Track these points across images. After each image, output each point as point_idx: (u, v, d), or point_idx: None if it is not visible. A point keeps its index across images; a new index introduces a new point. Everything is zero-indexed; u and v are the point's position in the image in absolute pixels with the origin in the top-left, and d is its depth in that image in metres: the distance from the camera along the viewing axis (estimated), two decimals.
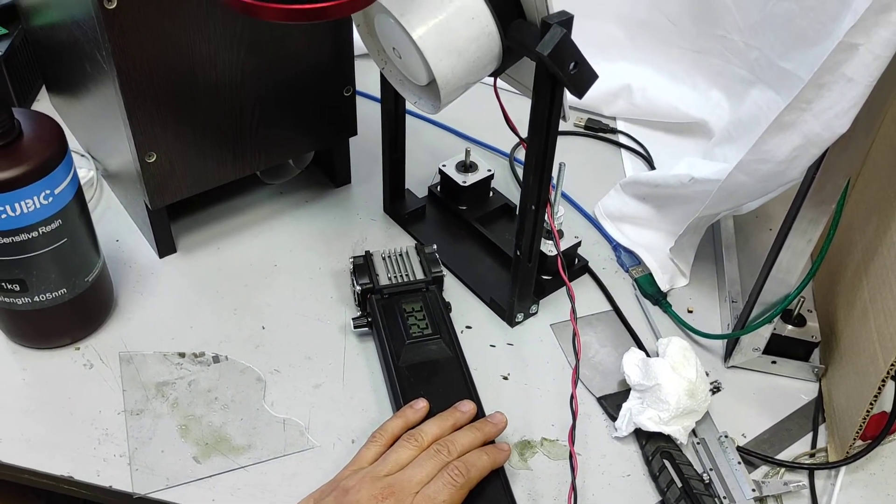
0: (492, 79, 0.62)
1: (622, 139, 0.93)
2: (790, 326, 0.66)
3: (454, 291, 0.74)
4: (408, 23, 0.54)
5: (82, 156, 0.84)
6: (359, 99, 0.77)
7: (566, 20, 0.52)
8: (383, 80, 0.70)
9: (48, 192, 0.57)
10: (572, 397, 0.59)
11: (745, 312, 0.65)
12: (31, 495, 0.76)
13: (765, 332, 0.64)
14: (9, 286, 0.61)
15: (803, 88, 0.51)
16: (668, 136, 0.92)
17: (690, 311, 0.73)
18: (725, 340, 0.68)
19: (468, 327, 0.71)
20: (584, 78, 0.54)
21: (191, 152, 0.69)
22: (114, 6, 0.57)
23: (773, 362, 0.67)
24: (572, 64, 0.53)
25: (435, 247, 0.72)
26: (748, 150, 0.57)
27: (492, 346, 0.70)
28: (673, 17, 0.88)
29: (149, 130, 0.65)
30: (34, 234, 0.58)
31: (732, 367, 0.68)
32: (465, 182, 0.79)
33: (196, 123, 0.67)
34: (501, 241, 0.77)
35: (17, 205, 0.56)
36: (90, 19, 0.60)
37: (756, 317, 0.63)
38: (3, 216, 0.56)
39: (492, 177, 0.80)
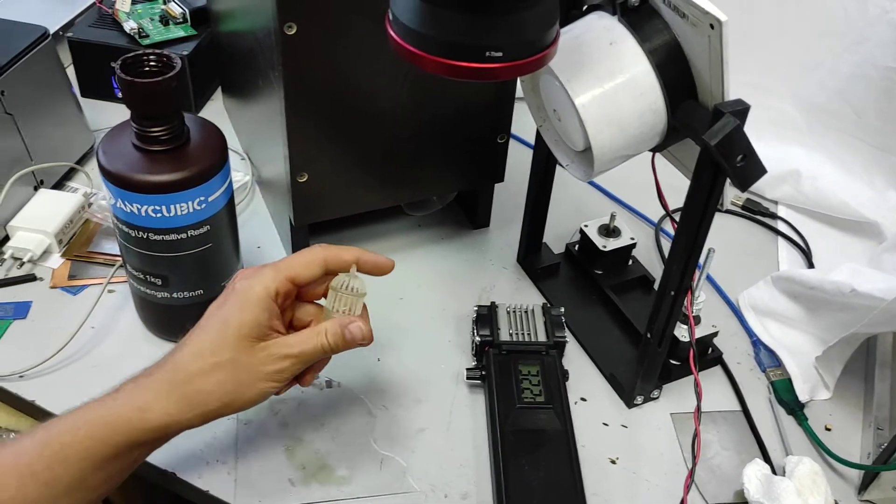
0: None
1: (781, 226, 0.87)
2: None
3: (574, 358, 0.71)
4: (573, 89, 0.52)
5: (242, 158, 0.88)
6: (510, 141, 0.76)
7: (741, 110, 0.49)
8: (538, 133, 0.68)
9: (203, 198, 0.60)
10: (682, 503, 0.55)
11: (892, 444, 0.59)
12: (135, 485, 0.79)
13: None
14: (152, 279, 0.64)
15: None
16: (833, 231, 0.85)
17: (828, 429, 0.67)
18: (863, 471, 0.62)
19: (583, 399, 0.68)
20: (750, 172, 0.51)
21: (341, 177, 0.70)
22: (293, 32, 0.59)
23: None
24: (740, 156, 0.49)
25: (563, 310, 0.70)
26: None
27: (605, 424, 0.67)
28: (858, 108, 0.82)
29: (305, 151, 0.67)
30: (183, 235, 0.61)
31: (866, 500, 0.62)
32: (605, 247, 0.76)
33: (350, 150, 0.69)
34: (633, 314, 0.73)
35: (173, 206, 0.59)
36: (269, 40, 0.62)
37: None
38: (159, 216, 0.59)
39: (634, 245, 0.77)
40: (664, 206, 0.62)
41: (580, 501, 0.57)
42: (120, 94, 0.93)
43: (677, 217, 0.63)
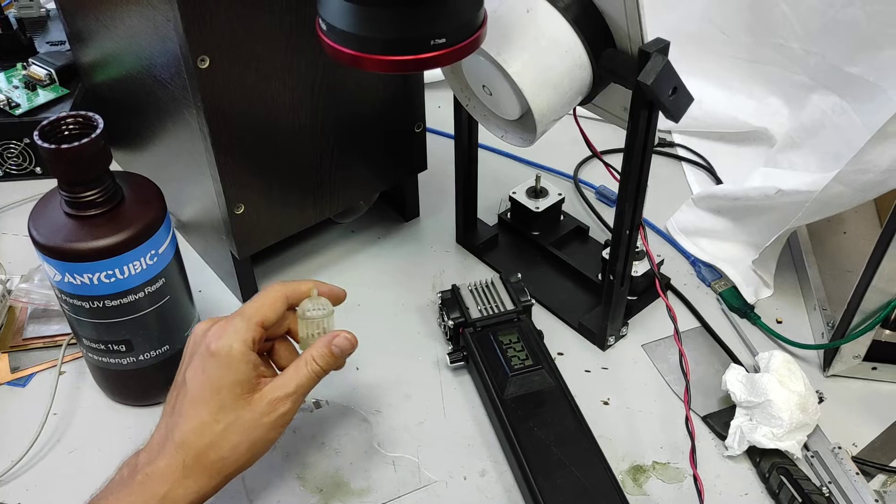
0: None
1: (681, 152, 0.93)
2: (888, 331, 0.66)
3: (538, 318, 0.74)
4: (504, 60, 0.54)
5: None
6: None
7: (664, 48, 0.52)
8: (457, 114, 0.70)
9: (153, 251, 0.58)
10: (687, 419, 0.59)
11: (844, 321, 0.64)
12: None
13: (865, 340, 0.64)
14: (115, 347, 0.61)
15: None
16: (728, 146, 0.92)
17: (779, 322, 0.73)
18: (823, 350, 0.68)
19: (560, 353, 0.71)
20: (681, 102, 0.54)
21: (275, 200, 0.69)
22: (206, 65, 0.58)
23: (874, 368, 0.67)
24: (671, 90, 0.53)
25: (520, 275, 0.72)
26: (848, 161, 0.57)
27: (587, 371, 0.70)
28: (725, 28, 0.89)
29: (237, 183, 0.65)
30: (140, 294, 0.59)
31: (832, 375, 0.68)
32: (537, 208, 0.79)
33: (280, 171, 0.68)
34: (580, 263, 0.77)
35: (125, 268, 0.57)
36: (179, 79, 0.61)
37: (856, 325, 0.63)
38: (113, 279, 0.57)
39: (563, 200, 0.81)
40: (592, 149, 0.66)
41: (593, 445, 0.60)
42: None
43: (606, 158, 0.67)
